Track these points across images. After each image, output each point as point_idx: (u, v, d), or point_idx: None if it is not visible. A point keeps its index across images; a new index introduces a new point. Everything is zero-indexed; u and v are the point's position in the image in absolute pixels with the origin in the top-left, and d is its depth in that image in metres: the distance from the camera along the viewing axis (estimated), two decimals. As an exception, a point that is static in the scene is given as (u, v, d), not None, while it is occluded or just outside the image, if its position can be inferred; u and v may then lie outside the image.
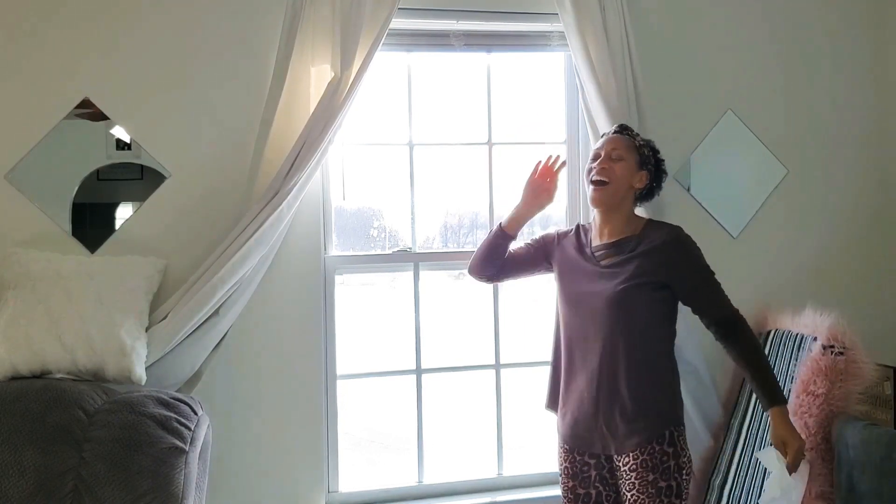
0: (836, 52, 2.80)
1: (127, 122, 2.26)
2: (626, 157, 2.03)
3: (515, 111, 2.69)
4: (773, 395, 1.91)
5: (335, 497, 2.48)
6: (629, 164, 2.03)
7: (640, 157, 2.05)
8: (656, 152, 2.10)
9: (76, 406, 1.91)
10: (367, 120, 2.55)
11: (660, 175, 2.10)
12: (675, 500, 1.88)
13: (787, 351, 2.39)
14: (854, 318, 2.24)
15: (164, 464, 1.87)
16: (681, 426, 1.96)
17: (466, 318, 2.74)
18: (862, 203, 2.83)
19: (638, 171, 2.04)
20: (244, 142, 2.29)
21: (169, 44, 2.28)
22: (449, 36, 2.54)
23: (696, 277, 1.98)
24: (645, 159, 2.05)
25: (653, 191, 2.10)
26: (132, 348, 2.03)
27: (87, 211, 2.26)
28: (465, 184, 2.70)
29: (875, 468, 1.94)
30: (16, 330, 1.99)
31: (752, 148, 2.72)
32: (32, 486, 1.81)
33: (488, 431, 2.67)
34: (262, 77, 2.30)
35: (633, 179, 2.03)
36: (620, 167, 2.01)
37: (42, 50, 2.21)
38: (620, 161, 2.02)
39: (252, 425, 2.35)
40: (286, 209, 2.22)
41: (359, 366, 2.59)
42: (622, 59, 2.45)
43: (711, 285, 1.99)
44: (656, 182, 2.09)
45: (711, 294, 1.99)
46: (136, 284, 2.13)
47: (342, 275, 2.52)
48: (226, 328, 2.26)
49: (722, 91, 2.69)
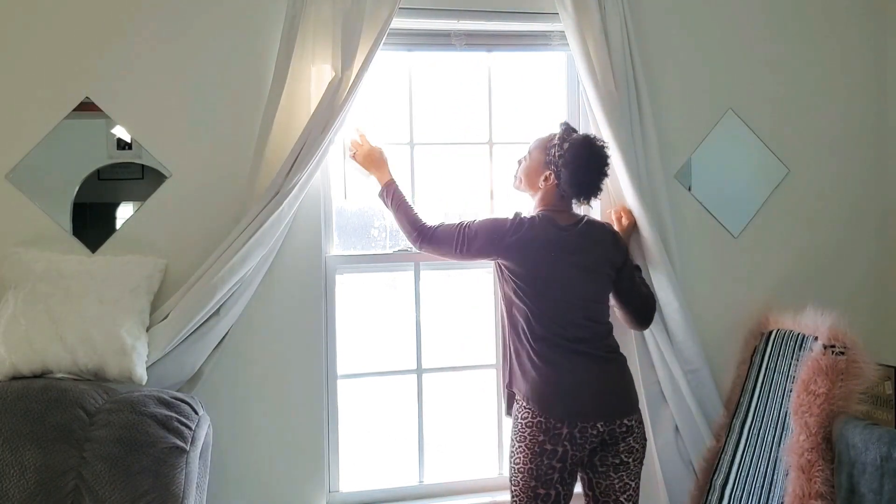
0: (837, 52, 2.80)
1: (127, 122, 2.26)
2: (532, 156, 2.26)
3: (516, 111, 2.69)
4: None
5: (336, 497, 2.48)
6: (531, 162, 2.26)
7: (545, 158, 2.21)
8: (561, 153, 2.16)
9: (77, 406, 1.91)
10: (367, 120, 2.55)
11: (569, 176, 2.15)
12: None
13: (788, 351, 2.38)
14: (855, 317, 2.23)
15: (165, 463, 1.88)
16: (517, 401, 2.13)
17: (467, 318, 2.73)
18: (863, 203, 2.83)
19: (542, 169, 2.21)
20: (245, 142, 2.29)
21: (169, 44, 2.28)
22: (450, 35, 2.54)
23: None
24: (548, 159, 2.19)
25: (567, 192, 2.18)
26: (133, 348, 2.03)
27: (87, 210, 2.26)
28: (465, 183, 2.70)
29: (875, 468, 1.94)
30: (16, 330, 1.99)
31: (753, 147, 2.72)
32: (33, 486, 1.81)
33: (488, 431, 2.67)
34: (262, 77, 2.30)
35: (539, 176, 2.22)
36: (524, 165, 2.29)
37: (42, 50, 2.21)
38: (527, 158, 2.29)
39: (253, 425, 2.35)
40: (287, 209, 2.22)
41: (359, 365, 2.59)
42: (622, 58, 2.45)
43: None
44: (567, 184, 2.16)
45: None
46: (137, 284, 2.13)
47: (342, 275, 2.52)
48: (226, 328, 2.26)
49: (723, 90, 2.69)
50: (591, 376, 2.08)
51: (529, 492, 2.04)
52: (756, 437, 2.37)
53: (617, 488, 2.09)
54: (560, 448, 2.02)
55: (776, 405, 2.35)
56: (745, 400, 2.48)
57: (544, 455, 2.02)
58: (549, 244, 2.12)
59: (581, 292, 2.13)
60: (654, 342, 2.50)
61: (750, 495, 2.30)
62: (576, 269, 2.13)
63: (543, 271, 2.11)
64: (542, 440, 2.02)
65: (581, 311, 2.12)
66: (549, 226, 2.15)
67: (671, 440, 2.53)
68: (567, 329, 2.09)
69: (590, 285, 2.16)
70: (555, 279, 2.11)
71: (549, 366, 2.07)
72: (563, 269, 2.11)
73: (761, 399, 2.42)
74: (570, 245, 2.14)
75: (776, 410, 2.34)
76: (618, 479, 2.09)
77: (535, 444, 2.03)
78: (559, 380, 2.06)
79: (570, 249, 2.13)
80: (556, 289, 2.11)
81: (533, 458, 2.03)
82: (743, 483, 2.34)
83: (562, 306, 2.10)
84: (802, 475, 2.10)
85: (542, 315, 2.10)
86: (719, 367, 2.60)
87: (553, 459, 2.02)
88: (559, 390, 2.05)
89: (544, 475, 2.02)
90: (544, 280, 2.11)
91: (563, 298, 2.10)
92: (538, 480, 2.03)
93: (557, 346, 2.08)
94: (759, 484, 2.29)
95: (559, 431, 2.01)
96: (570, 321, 2.10)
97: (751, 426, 2.41)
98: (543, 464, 2.02)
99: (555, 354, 2.07)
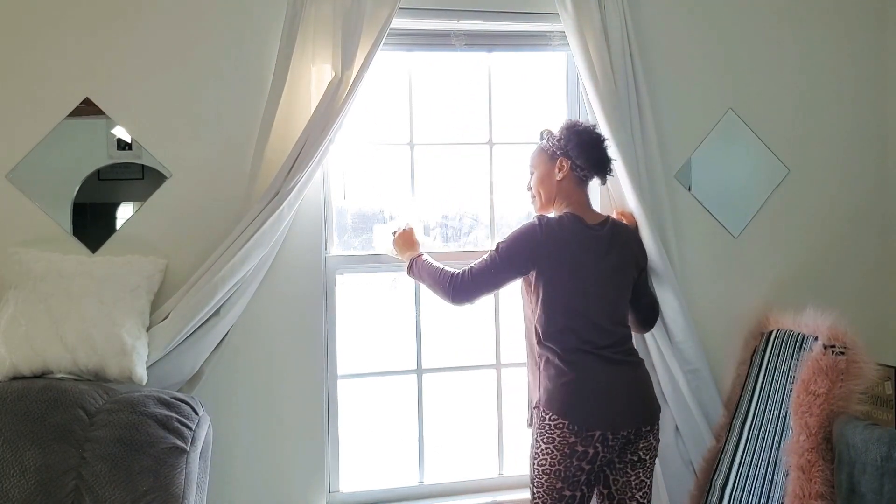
0: (837, 51, 2.80)
1: (127, 122, 2.26)
2: (536, 165, 2.24)
3: (516, 111, 2.69)
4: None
5: (336, 497, 2.48)
6: (539, 169, 2.22)
7: (549, 153, 2.19)
8: (562, 138, 2.17)
9: (77, 406, 1.91)
10: (367, 120, 2.55)
11: (580, 151, 2.14)
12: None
13: (788, 351, 2.38)
14: (855, 317, 2.23)
15: (165, 464, 1.88)
16: (542, 408, 2.06)
17: (467, 317, 2.73)
18: (863, 203, 2.83)
19: (553, 165, 2.18)
20: (245, 142, 2.29)
21: (169, 44, 2.28)
22: (450, 36, 2.54)
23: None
24: (553, 151, 2.18)
25: (587, 168, 2.15)
26: (133, 348, 2.03)
27: (88, 211, 2.26)
28: (465, 183, 2.70)
29: (875, 468, 1.94)
30: (16, 330, 1.99)
31: (753, 147, 2.72)
32: (33, 486, 1.81)
33: (488, 431, 2.67)
34: (262, 77, 2.30)
35: (553, 176, 2.18)
36: (534, 179, 2.24)
37: (42, 50, 2.21)
38: (533, 174, 2.25)
39: (253, 425, 2.35)
40: (287, 209, 2.22)
41: (359, 365, 2.59)
42: (622, 58, 2.45)
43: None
44: (581, 159, 2.14)
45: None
46: (137, 284, 2.13)
47: (343, 275, 2.52)
48: (227, 328, 2.26)
49: (723, 90, 2.69)
50: (619, 383, 2.04)
51: (555, 493, 2.01)
52: (756, 437, 2.37)
53: (633, 485, 2.08)
54: (591, 449, 1.98)
55: (776, 405, 2.35)
56: (745, 400, 2.48)
57: (574, 456, 1.98)
58: (581, 245, 2.08)
59: (609, 294, 2.10)
60: (654, 342, 2.50)
61: (750, 495, 2.30)
62: (605, 271, 2.09)
63: (577, 272, 2.06)
64: (574, 441, 1.98)
65: (607, 313, 2.09)
66: (580, 225, 2.10)
67: (671, 440, 2.53)
68: (594, 333, 2.05)
69: (616, 286, 2.13)
70: (587, 280, 2.06)
71: (578, 372, 2.02)
72: (595, 269, 2.07)
73: (761, 399, 2.42)
74: (602, 245, 2.10)
75: (776, 410, 2.34)
76: (634, 476, 2.08)
77: (565, 446, 1.99)
78: (590, 387, 2.02)
79: (602, 248, 2.10)
80: (587, 290, 2.06)
81: (563, 459, 1.99)
82: (743, 483, 2.34)
83: (591, 309, 2.06)
84: (802, 475, 2.10)
85: (572, 318, 2.05)
86: (719, 367, 2.60)
87: (584, 461, 1.99)
88: (590, 398, 2.01)
89: (573, 476, 1.99)
90: (578, 281, 2.06)
91: (594, 300, 2.06)
92: (565, 482, 1.99)
93: (585, 351, 2.04)
94: (759, 484, 2.29)
95: (592, 433, 1.98)
96: (598, 324, 2.06)
97: (751, 426, 2.41)
98: (573, 465, 1.99)
99: (583, 360, 2.03)
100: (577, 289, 2.06)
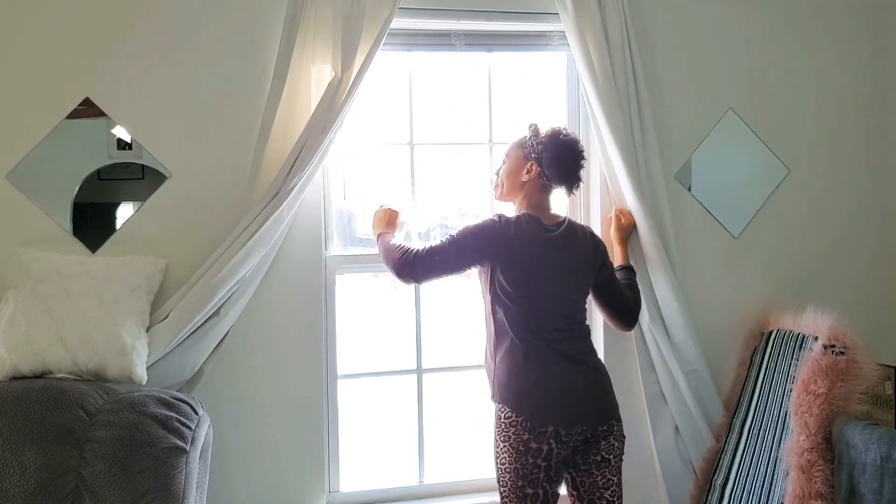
0: (837, 51, 2.80)
1: (127, 122, 2.26)
2: (510, 156, 2.25)
3: (516, 111, 2.69)
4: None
5: (336, 497, 2.48)
6: (510, 163, 2.24)
7: (525, 152, 2.20)
8: (542, 143, 2.17)
9: (77, 406, 1.91)
10: (368, 120, 2.55)
11: (552, 162, 2.15)
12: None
13: (788, 351, 2.38)
14: (855, 317, 2.23)
15: (165, 464, 1.88)
16: (497, 403, 2.12)
17: (467, 318, 2.73)
18: (863, 203, 2.83)
19: (524, 165, 2.20)
20: (245, 142, 2.29)
21: (169, 44, 2.28)
22: (450, 36, 2.53)
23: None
24: (529, 152, 2.19)
25: (553, 180, 2.17)
26: (133, 348, 2.03)
27: (88, 211, 2.26)
28: (465, 183, 2.70)
29: (875, 468, 1.94)
30: (16, 330, 1.99)
31: (753, 147, 2.72)
32: (33, 486, 1.81)
33: (488, 431, 2.66)
34: (262, 77, 2.30)
35: (520, 175, 2.20)
36: (503, 168, 2.27)
37: (42, 50, 2.21)
38: (505, 162, 2.27)
39: (253, 425, 2.35)
40: (287, 209, 2.22)
41: (359, 366, 2.59)
42: (622, 58, 2.45)
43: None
44: (551, 170, 2.16)
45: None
46: (137, 284, 2.13)
47: (343, 275, 2.52)
48: (227, 328, 2.26)
49: (723, 90, 2.69)
50: (574, 379, 2.07)
51: (518, 491, 2.04)
52: (756, 437, 2.37)
53: (600, 485, 2.10)
54: (545, 446, 2.01)
55: (776, 405, 2.35)
56: (745, 400, 2.48)
57: (529, 454, 2.01)
58: (536, 244, 2.12)
59: (564, 293, 2.14)
60: (654, 342, 2.50)
61: (750, 495, 2.30)
62: (560, 270, 2.13)
63: (531, 271, 2.10)
64: (527, 438, 2.01)
65: (562, 311, 2.12)
66: (536, 226, 2.14)
67: (671, 440, 2.53)
68: (549, 330, 2.09)
69: (571, 286, 2.16)
70: (541, 279, 2.10)
71: (532, 367, 2.06)
72: (549, 269, 2.11)
73: (761, 399, 2.42)
74: (556, 245, 2.13)
75: (776, 410, 2.34)
76: (601, 476, 2.09)
77: (519, 443, 2.02)
78: (544, 383, 2.05)
79: (556, 249, 2.13)
80: (541, 289, 2.10)
81: (518, 457, 2.02)
82: (743, 483, 2.34)
83: (544, 307, 2.10)
84: (802, 475, 2.10)
85: (527, 315, 2.09)
86: (719, 367, 2.60)
87: (539, 458, 2.01)
88: (543, 393, 2.04)
89: (530, 474, 2.02)
90: (531, 280, 2.10)
91: (547, 299, 2.10)
92: (525, 480, 2.02)
93: (540, 347, 2.07)
94: (759, 484, 2.29)
95: (544, 429, 2.01)
96: (552, 322, 2.09)
97: (751, 426, 2.41)
98: (529, 462, 2.01)
99: (538, 355, 2.07)
100: (532, 287, 2.09)
